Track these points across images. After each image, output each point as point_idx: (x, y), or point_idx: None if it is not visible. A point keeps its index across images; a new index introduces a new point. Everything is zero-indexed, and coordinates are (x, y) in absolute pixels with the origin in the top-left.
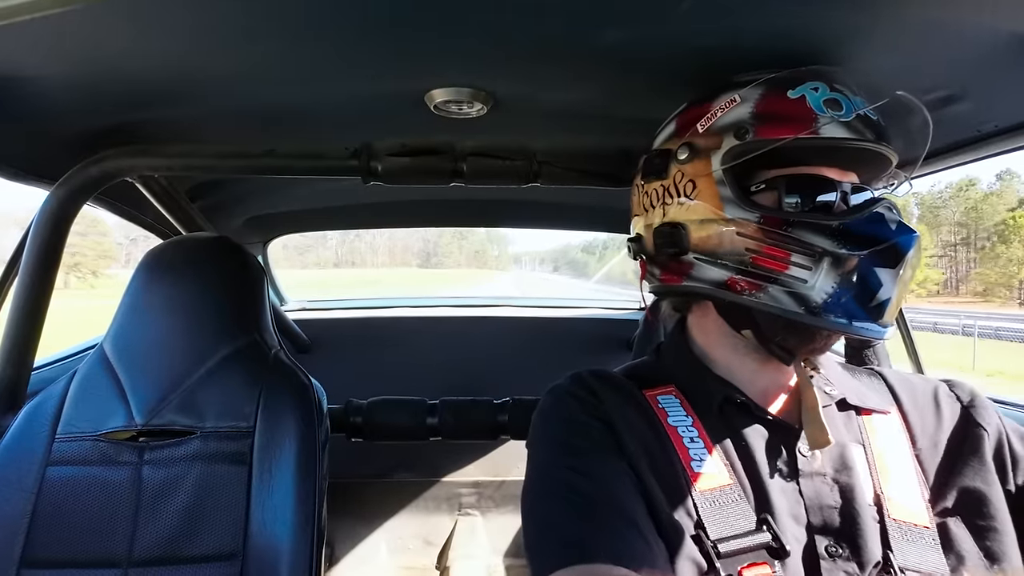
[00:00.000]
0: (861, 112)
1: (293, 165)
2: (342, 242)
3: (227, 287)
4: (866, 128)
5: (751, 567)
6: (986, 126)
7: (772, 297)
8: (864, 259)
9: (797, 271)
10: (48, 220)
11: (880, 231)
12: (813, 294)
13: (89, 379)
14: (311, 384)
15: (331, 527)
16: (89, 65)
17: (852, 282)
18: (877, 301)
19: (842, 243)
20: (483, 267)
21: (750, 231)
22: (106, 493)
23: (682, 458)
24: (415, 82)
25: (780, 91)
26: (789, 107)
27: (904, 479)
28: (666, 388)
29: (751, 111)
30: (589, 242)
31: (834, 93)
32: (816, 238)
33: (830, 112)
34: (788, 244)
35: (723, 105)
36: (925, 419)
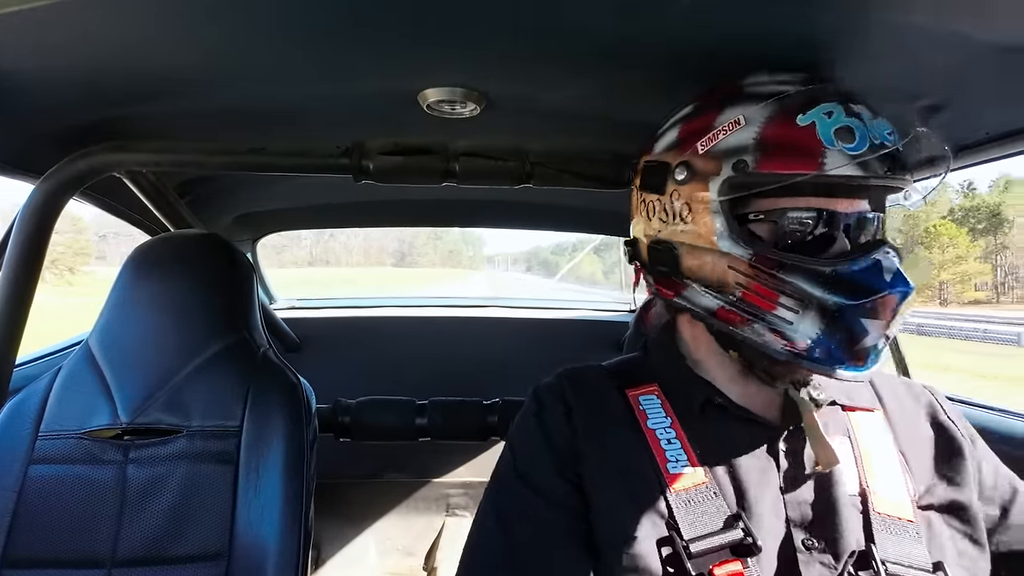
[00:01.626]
0: (877, 141)
1: (284, 162)
2: (316, 241)
3: (215, 284)
4: (884, 158)
5: (722, 564)
6: (977, 134)
7: (756, 332)
8: (854, 308)
9: (784, 312)
10: (33, 215)
11: (874, 282)
12: (796, 336)
13: (74, 376)
14: (299, 383)
15: (318, 527)
16: (75, 59)
17: (838, 328)
18: (862, 347)
19: (833, 290)
20: (457, 267)
21: (741, 267)
22: (90, 492)
23: (658, 460)
24: (408, 82)
25: (789, 116)
26: (796, 136)
27: (889, 474)
28: (649, 387)
29: (754, 138)
30: (559, 244)
31: (850, 119)
32: (806, 284)
33: (840, 144)
34: (777, 286)
35: (727, 126)
36: (907, 419)
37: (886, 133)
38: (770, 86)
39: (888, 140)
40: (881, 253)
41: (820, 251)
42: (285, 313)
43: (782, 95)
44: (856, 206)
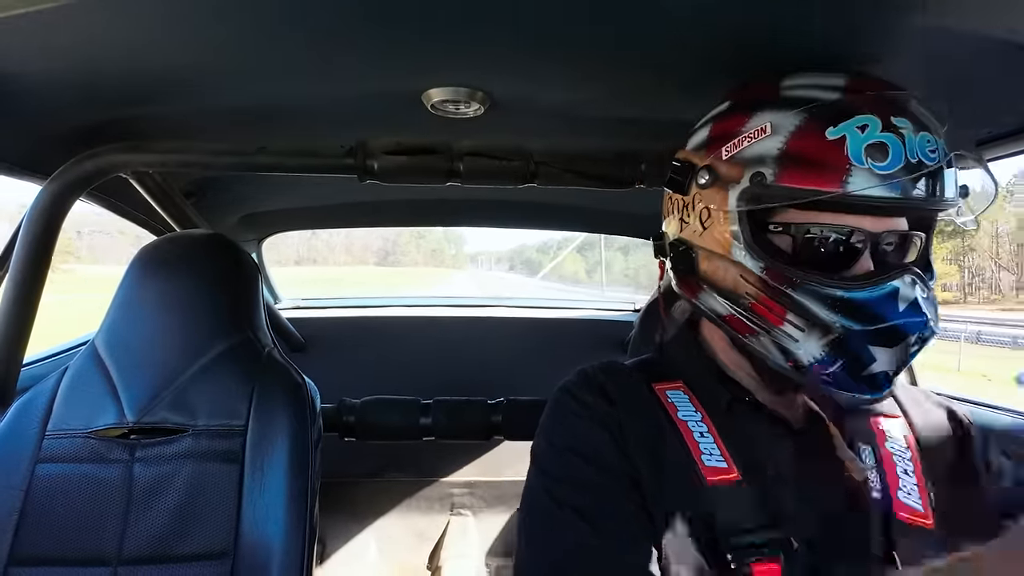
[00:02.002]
0: (914, 160)
1: (288, 162)
2: (302, 240)
3: (221, 284)
4: (921, 179)
5: (760, 563)
6: (980, 132)
7: (762, 344)
8: (861, 335)
9: (790, 328)
10: (40, 215)
11: (886, 311)
12: (801, 354)
13: (80, 376)
14: (304, 383)
15: (323, 526)
16: (83, 61)
17: (843, 353)
18: (869, 373)
19: (841, 314)
20: (441, 266)
21: (752, 279)
22: (96, 491)
23: (692, 452)
24: (412, 81)
25: (819, 127)
26: (823, 152)
27: (910, 481)
28: (674, 383)
29: (779, 148)
30: (544, 242)
31: (886, 134)
32: (814, 305)
33: (869, 163)
34: (785, 302)
35: (753, 132)
36: (928, 427)
37: (928, 151)
38: (807, 91)
39: (928, 159)
40: (902, 280)
41: (840, 269)
42: (290, 313)
43: (816, 103)
44: (887, 224)
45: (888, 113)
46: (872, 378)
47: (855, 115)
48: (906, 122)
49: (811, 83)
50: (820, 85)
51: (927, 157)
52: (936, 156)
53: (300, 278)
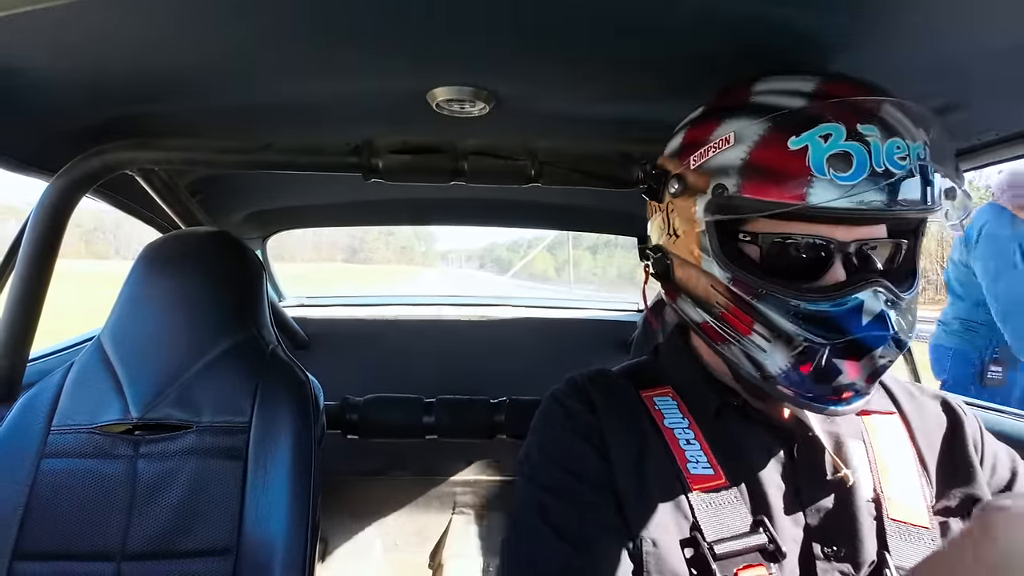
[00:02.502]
0: (880, 168)
1: (293, 160)
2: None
3: (226, 282)
4: (887, 188)
5: (747, 568)
6: (986, 134)
7: (733, 353)
8: (825, 347)
9: (758, 339)
10: (47, 212)
11: (849, 324)
12: (769, 365)
13: (86, 371)
14: (308, 381)
15: (325, 523)
16: (90, 58)
17: (809, 365)
18: (836, 384)
19: (805, 325)
20: (411, 263)
21: (721, 288)
22: (101, 486)
23: (678, 460)
24: (417, 80)
25: (782, 137)
26: (784, 163)
27: (905, 479)
28: (663, 389)
29: (742, 159)
30: (514, 241)
31: (850, 143)
32: (779, 316)
33: (832, 174)
34: (752, 313)
35: (718, 142)
36: (923, 423)
37: (897, 158)
38: (775, 97)
39: (897, 166)
40: (868, 292)
41: (811, 279)
42: (294, 311)
43: (780, 112)
44: (860, 233)
45: (855, 121)
46: (840, 389)
47: (819, 124)
48: (874, 129)
49: (780, 88)
50: (788, 91)
51: (895, 165)
52: (906, 163)
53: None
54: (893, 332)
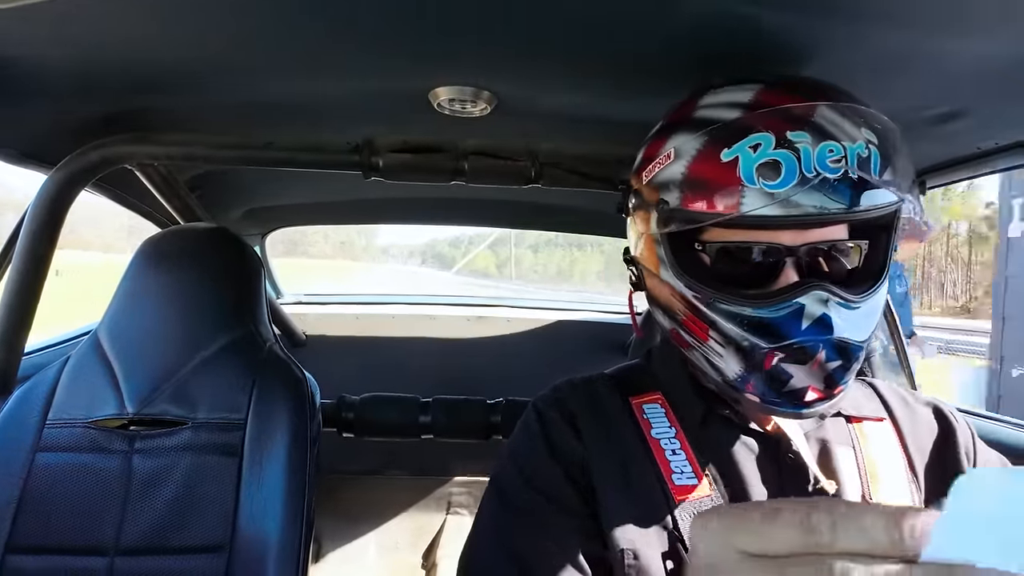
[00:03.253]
0: (811, 174)
1: (294, 158)
2: None
3: (224, 278)
4: (818, 192)
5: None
6: (986, 143)
7: (698, 359)
8: (769, 352)
9: (715, 345)
10: (45, 205)
11: (788, 329)
12: (726, 370)
13: (82, 366)
14: (305, 378)
15: (320, 522)
16: (92, 51)
17: (759, 369)
18: (790, 388)
19: (751, 331)
20: (350, 258)
21: (678, 296)
22: (95, 481)
23: (663, 471)
24: (419, 80)
25: (716, 150)
26: (718, 174)
27: (895, 486)
28: (652, 396)
29: (682, 173)
30: (456, 237)
31: (779, 151)
32: (726, 322)
33: (761, 182)
34: (705, 319)
35: (662, 158)
36: (915, 430)
37: (829, 161)
38: (714, 110)
39: (830, 170)
40: (808, 297)
41: (762, 284)
42: (292, 308)
43: (714, 125)
44: (809, 237)
45: (785, 128)
46: (794, 394)
47: (749, 134)
48: (804, 135)
49: (720, 101)
50: (726, 103)
51: (828, 169)
52: (840, 166)
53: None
54: (836, 337)
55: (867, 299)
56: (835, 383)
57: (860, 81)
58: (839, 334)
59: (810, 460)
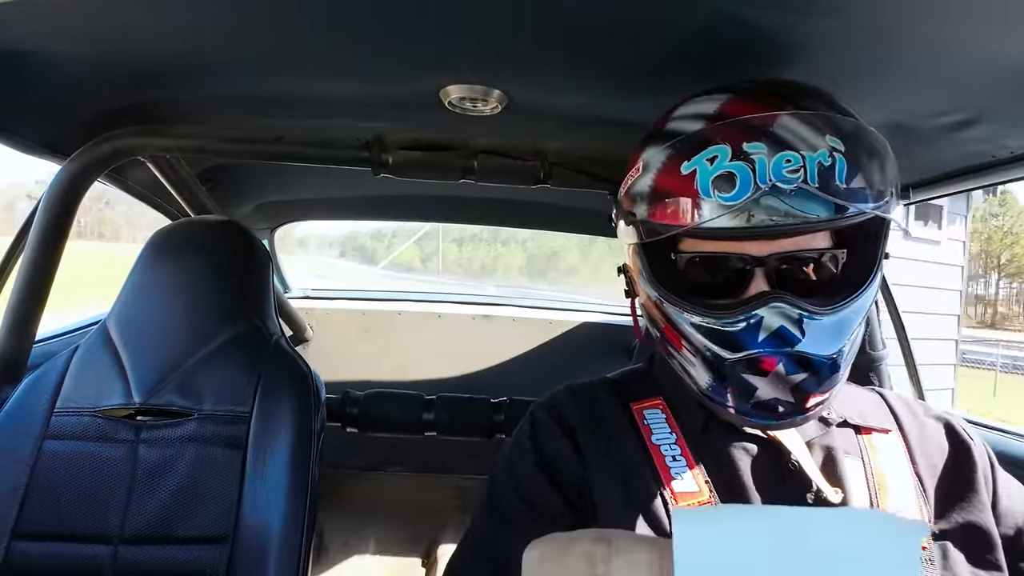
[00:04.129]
0: (766, 185)
1: (303, 152)
2: (87, 209)
3: (232, 271)
4: (774, 203)
5: None
6: (1002, 152)
7: (678, 368)
8: (731, 363)
9: (688, 354)
10: (58, 195)
11: (745, 340)
12: (699, 380)
13: (90, 355)
14: (310, 373)
15: (322, 516)
16: (106, 44)
17: (724, 380)
18: (758, 400)
19: (712, 342)
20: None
21: (655, 305)
22: (101, 469)
23: (663, 477)
24: (431, 78)
25: (677, 163)
26: (678, 187)
27: (903, 497)
28: (654, 401)
29: (650, 186)
30: (378, 230)
31: (734, 163)
32: (693, 334)
33: (716, 195)
34: (677, 329)
35: (634, 170)
36: (924, 441)
37: (786, 171)
38: (681, 122)
39: (786, 180)
40: (767, 308)
41: (733, 295)
42: (299, 303)
43: (678, 138)
44: (776, 247)
45: (741, 140)
46: (763, 405)
47: (707, 147)
48: (761, 146)
49: (688, 113)
50: (693, 115)
51: (784, 179)
52: (798, 176)
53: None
54: (796, 350)
55: (838, 311)
56: (806, 395)
57: (867, 85)
58: (800, 348)
59: (812, 468)
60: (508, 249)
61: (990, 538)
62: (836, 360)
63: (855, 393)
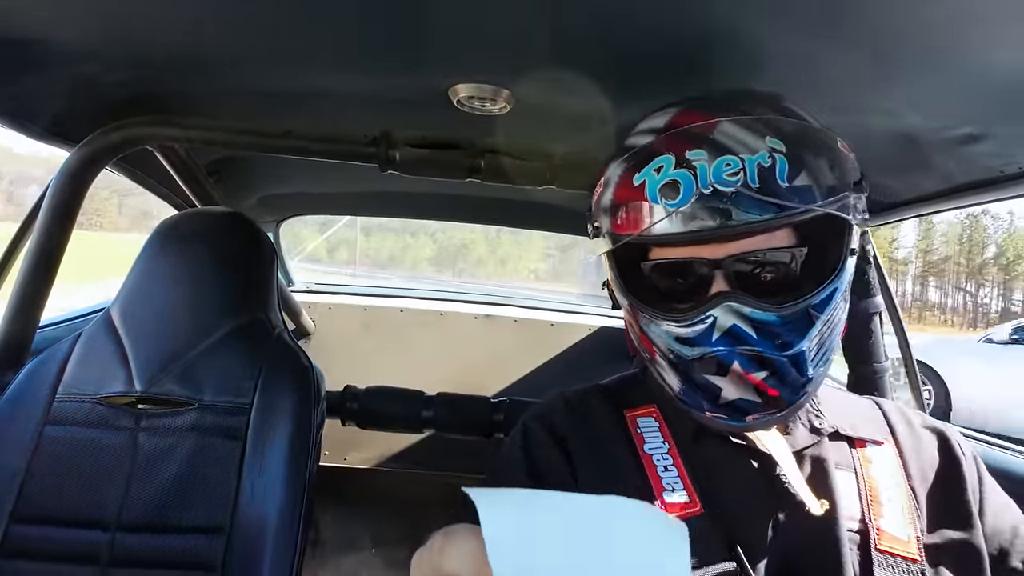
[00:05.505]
0: (708, 190)
1: (311, 147)
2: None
3: (237, 263)
4: (716, 206)
5: None
6: (1010, 167)
7: (655, 374)
8: (692, 364)
9: (660, 359)
10: (67, 181)
11: (701, 340)
12: (672, 385)
13: (93, 341)
14: (311, 367)
15: (319, 510)
16: (111, 31)
17: (690, 381)
18: (725, 400)
19: (676, 345)
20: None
21: (630, 313)
22: (101, 456)
23: (654, 487)
24: (440, 76)
25: (629, 175)
26: (631, 196)
27: (896, 510)
28: (647, 409)
29: (609, 199)
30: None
31: (678, 171)
32: (657, 337)
33: (664, 201)
34: (648, 335)
35: (600, 184)
36: (919, 454)
37: (726, 175)
38: (636, 136)
39: (725, 183)
40: (720, 308)
41: (696, 297)
42: (301, 297)
43: (630, 152)
44: (731, 248)
45: (683, 149)
46: (730, 405)
47: (654, 157)
48: (702, 153)
49: (643, 128)
50: (646, 129)
51: (724, 183)
52: (737, 179)
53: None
54: (749, 348)
55: (791, 308)
56: (771, 395)
57: (872, 99)
58: (755, 346)
59: (798, 479)
60: (417, 240)
61: (980, 555)
62: (799, 359)
63: (850, 402)
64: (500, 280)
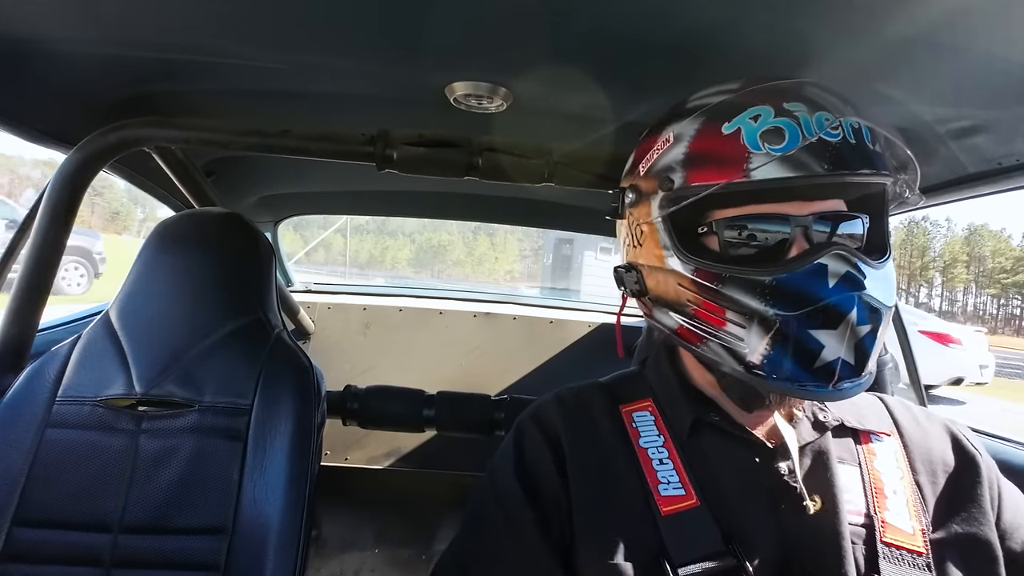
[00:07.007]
0: (813, 139)
1: (308, 147)
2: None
3: (235, 264)
4: (823, 155)
5: None
6: (1008, 160)
7: (712, 351)
8: (797, 319)
9: (734, 328)
10: (64, 183)
11: (814, 289)
12: (749, 354)
13: (93, 344)
14: (311, 367)
15: (321, 510)
16: (116, 34)
17: (787, 343)
18: (822, 362)
19: (772, 301)
20: (127, 232)
21: (688, 283)
22: (102, 458)
23: (649, 482)
24: (437, 74)
25: (715, 125)
26: (721, 146)
27: (900, 503)
28: (643, 403)
29: (684, 152)
30: None
31: (780, 119)
32: (745, 296)
33: (767, 147)
34: (720, 300)
35: (660, 144)
36: (925, 448)
37: (828, 127)
38: (706, 98)
39: (830, 135)
40: (830, 256)
41: (774, 257)
42: (301, 297)
43: (710, 106)
44: (814, 207)
45: (780, 101)
46: (826, 368)
47: (747, 108)
48: (800, 105)
49: (712, 92)
50: (718, 91)
51: (828, 133)
52: (839, 132)
53: None
54: (867, 293)
55: (885, 264)
56: (866, 355)
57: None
58: (869, 292)
59: (796, 472)
60: (396, 241)
61: (991, 551)
62: (887, 317)
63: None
64: (477, 278)
